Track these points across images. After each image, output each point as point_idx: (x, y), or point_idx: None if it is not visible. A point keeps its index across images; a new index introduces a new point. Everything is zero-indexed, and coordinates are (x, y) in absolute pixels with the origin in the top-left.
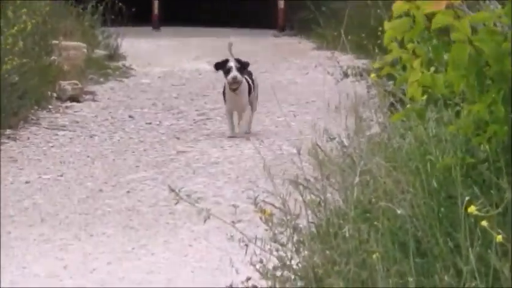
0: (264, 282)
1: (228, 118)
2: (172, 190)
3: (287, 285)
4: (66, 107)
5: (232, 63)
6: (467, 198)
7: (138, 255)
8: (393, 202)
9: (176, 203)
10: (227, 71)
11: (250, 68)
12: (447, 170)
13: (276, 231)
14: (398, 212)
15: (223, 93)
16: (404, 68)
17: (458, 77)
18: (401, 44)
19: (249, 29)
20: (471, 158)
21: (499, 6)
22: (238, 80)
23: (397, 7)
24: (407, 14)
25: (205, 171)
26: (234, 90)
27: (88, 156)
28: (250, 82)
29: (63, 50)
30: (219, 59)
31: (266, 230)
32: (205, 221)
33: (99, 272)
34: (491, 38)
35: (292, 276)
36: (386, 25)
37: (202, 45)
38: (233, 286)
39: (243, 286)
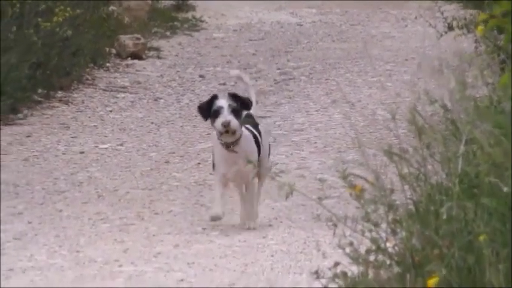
0: (354, 268)
1: (217, 188)
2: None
3: (381, 272)
4: (127, 66)
5: (222, 102)
6: None
7: (209, 237)
8: (504, 176)
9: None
10: (214, 114)
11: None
12: None
13: (369, 210)
14: (505, 189)
15: (213, 150)
16: None
17: None
18: None
19: None
20: None
21: None
22: (232, 128)
23: None
24: None
25: (287, 140)
26: (227, 146)
27: (152, 123)
28: (257, 135)
29: None
30: (292, 14)
31: (357, 207)
32: (287, 197)
33: (164, 257)
34: None
35: (388, 261)
36: None
37: None
38: (319, 272)
39: (331, 272)
